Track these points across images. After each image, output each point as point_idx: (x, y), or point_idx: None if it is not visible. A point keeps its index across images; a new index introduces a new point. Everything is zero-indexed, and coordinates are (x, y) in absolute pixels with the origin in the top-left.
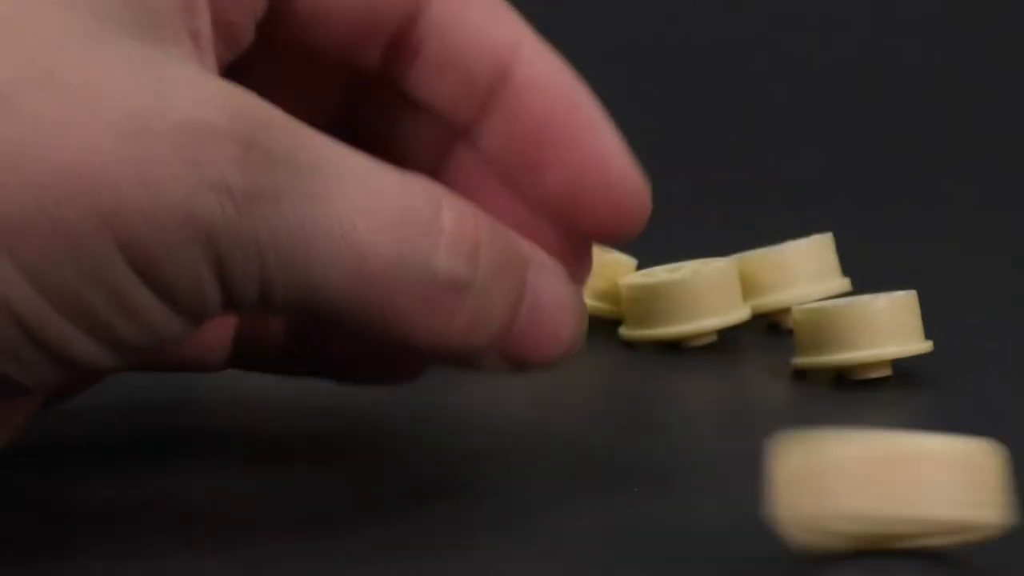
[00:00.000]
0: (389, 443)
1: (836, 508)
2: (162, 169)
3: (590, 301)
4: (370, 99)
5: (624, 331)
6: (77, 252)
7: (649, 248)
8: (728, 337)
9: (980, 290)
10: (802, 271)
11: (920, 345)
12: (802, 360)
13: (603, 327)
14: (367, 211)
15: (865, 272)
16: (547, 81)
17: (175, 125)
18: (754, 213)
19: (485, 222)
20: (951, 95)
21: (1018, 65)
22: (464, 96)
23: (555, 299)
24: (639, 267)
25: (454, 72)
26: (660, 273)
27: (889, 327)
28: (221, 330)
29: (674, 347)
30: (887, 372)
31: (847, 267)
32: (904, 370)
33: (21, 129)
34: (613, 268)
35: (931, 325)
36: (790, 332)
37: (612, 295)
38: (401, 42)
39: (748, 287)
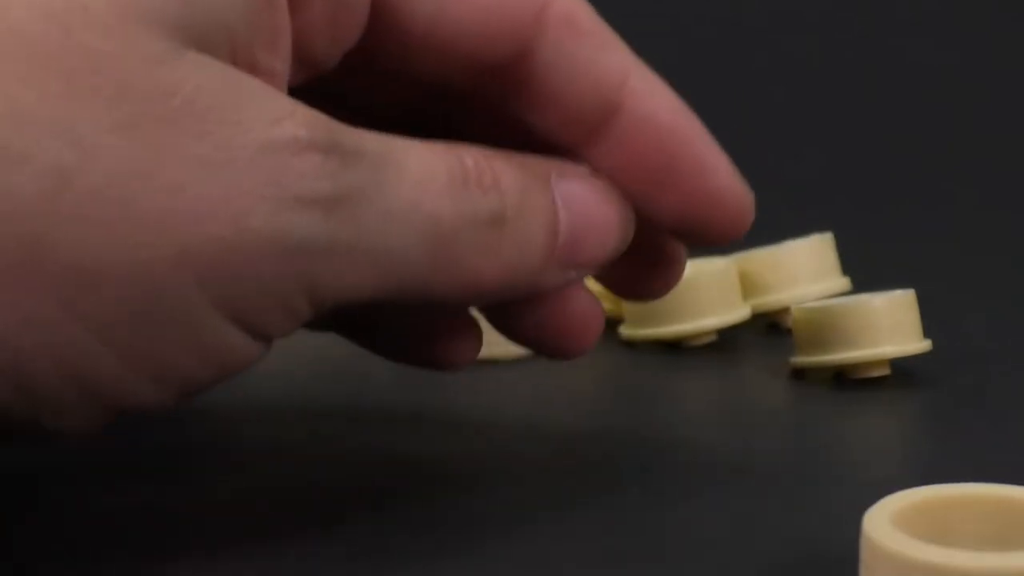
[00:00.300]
0: (390, 442)
1: None
2: (249, 195)
3: None
4: (462, 116)
5: (624, 330)
6: (155, 298)
7: None
8: (728, 336)
9: (979, 290)
10: (802, 271)
11: (919, 344)
12: (801, 359)
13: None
14: (425, 183)
15: (864, 271)
16: (656, 113)
17: (259, 148)
18: (754, 213)
19: (490, 153)
20: (951, 95)
21: (1018, 65)
22: (572, 126)
23: (591, 199)
24: None
25: (561, 104)
26: None
27: (888, 326)
28: None
29: (674, 346)
30: (886, 371)
31: (847, 267)
32: (903, 369)
33: (100, 180)
34: None
35: (930, 324)
36: (789, 331)
37: (612, 295)
38: (510, 74)
39: (748, 287)
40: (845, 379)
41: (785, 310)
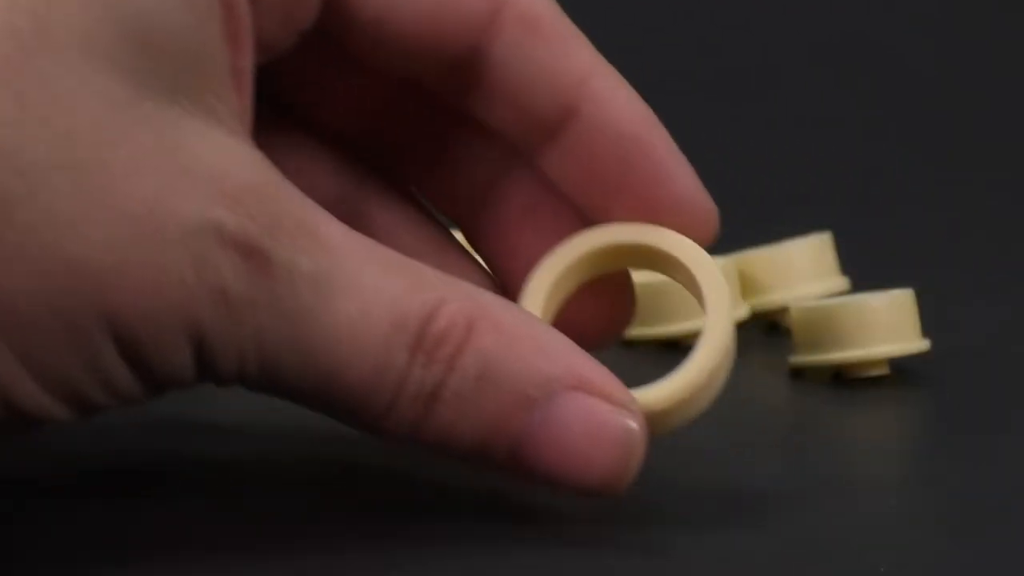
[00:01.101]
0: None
1: None
2: (169, 274)
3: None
4: (424, 110)
5: None
6: (74, 343)
7: None
8: None
9: (978, 289)
10: (800, 270)
11: (917, 344)
12: (800, 359)
13: None
14: (356, 325)
15: (863, 271)
16: (615, 118)
17: (188, 229)
18: (753, 212)
19: (496, 326)
20: (951, 95)
21: (1018, 65)
22: (526, 127)
23: (583, 424)
24: None
25: (515, 105)
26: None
27: (886, 326)
28: None
29: (674, 346)
30: (884, 370)
31: (845, 266)
32: (901, 368)
33: (38, 218)
34: None
35: (928, 324)
36: (788, 331)
37: None
38: (464, 68)
39: (747, 286)
40: (844, 378)
41: (784, 310)
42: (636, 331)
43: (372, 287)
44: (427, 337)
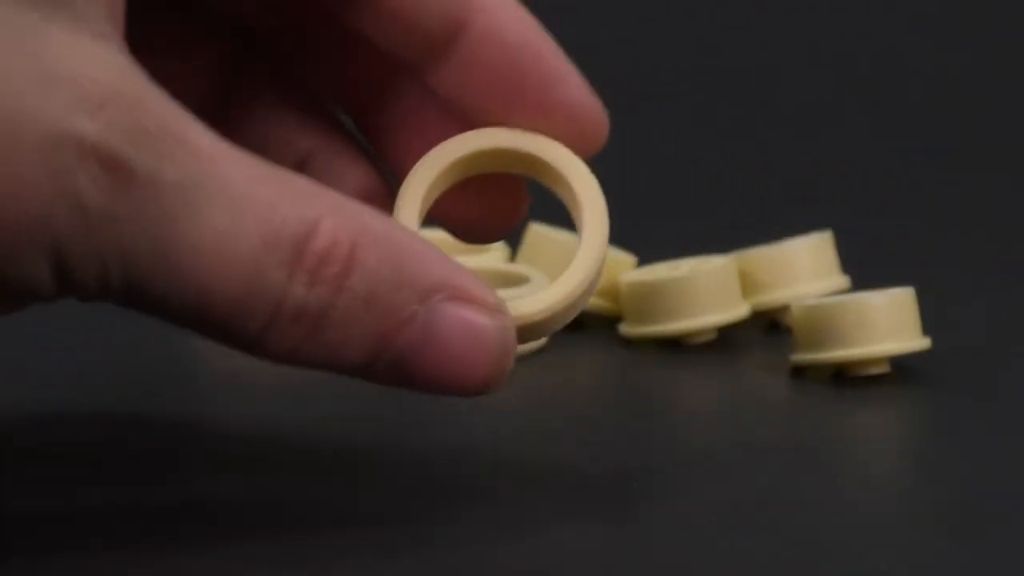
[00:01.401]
0: (384, 439)
1: None
2: (25, 184)
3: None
4: (307, 24)
5: (624, 328)
6: None
7: (649, 245)
8: (728, 334)
9: (979, 287)
10: (801, 269)
11: (918, 342)
12: (801, 357)
13: (603, 325)
14: (225, 235)
15: (864, 269)
16: (503, 29)
17: (47, 138)
18: (754, 211)
19: (377, 241)
20: (951, 94)
21: (1018, 65)
22: (414, 44)
23: (459, 330)
24: (639, 264)
25: (403, 22)
26: (660, 270)
27: (887, 324)
28: None
29: (674, 344)
30: (885, 369)
31: (846, 265)
32: (902, 367)
33: None
34: (613, 265)
35: (929, 322)
36: (789, 329)
37: (612, 292)
38: None
39: (747, 285)
40: (844, 377)
41: (785, 308)
42: (636, 331)
43: (242, 197)
44: (307, 255)
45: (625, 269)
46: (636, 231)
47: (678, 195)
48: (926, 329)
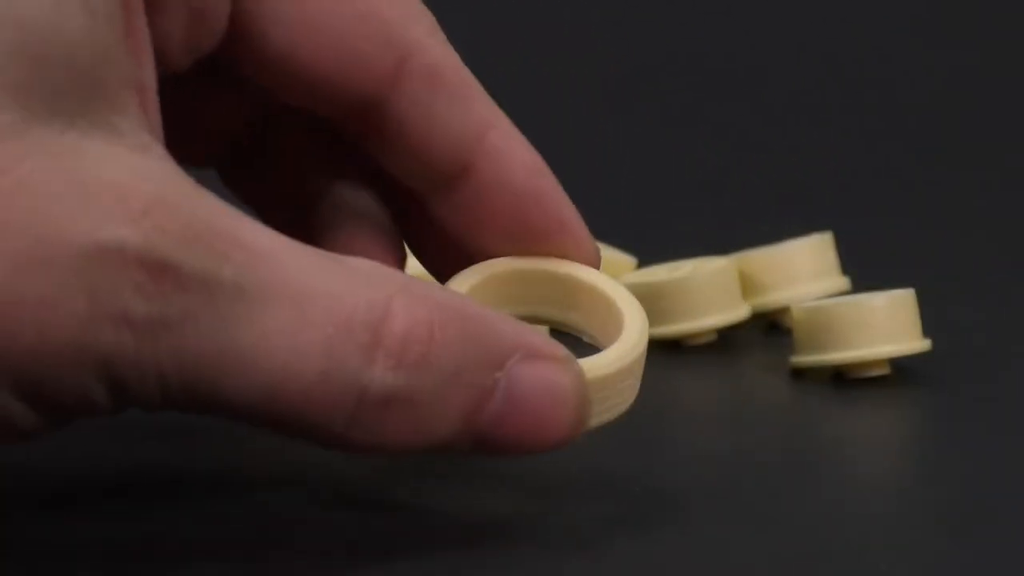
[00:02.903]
0: None
1: None
2: (57, 305)
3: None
4: (322, 145)
5: None
6: None
7: (649, 247)
8: (728, 336)
9: (979, 289)
10: (801, 270)
11: (918, 344)
12: (801, 359)
13: None
14: (295, 330)
15: (864, 271)
16: (510, 174)
17: (82, 252)
18: (754, 212)
19: (450, 317)
20: (952, 95)
21: (1019, 65)
22: (422, 178)
23: (540, 389)
24: (639, 266)
25: (413, 157)
26: (660, 272)
27: (887, 326)
28: None
29: (674, 345)
30: (885, 371)
31: (846, 266)
32: (902, 368)
33: None
34: (613, 267)
35: (929, 324)
36: (789, 331)
37: None
38: (365, 115)
39: (747, 286)
40: (844, 378)
41: (785, 309)
42: None
43: (307, 289)
44: (387, 338)
45: (625, 270)
46: (636, 232)
47: (678, 196)
48: (926, 330)
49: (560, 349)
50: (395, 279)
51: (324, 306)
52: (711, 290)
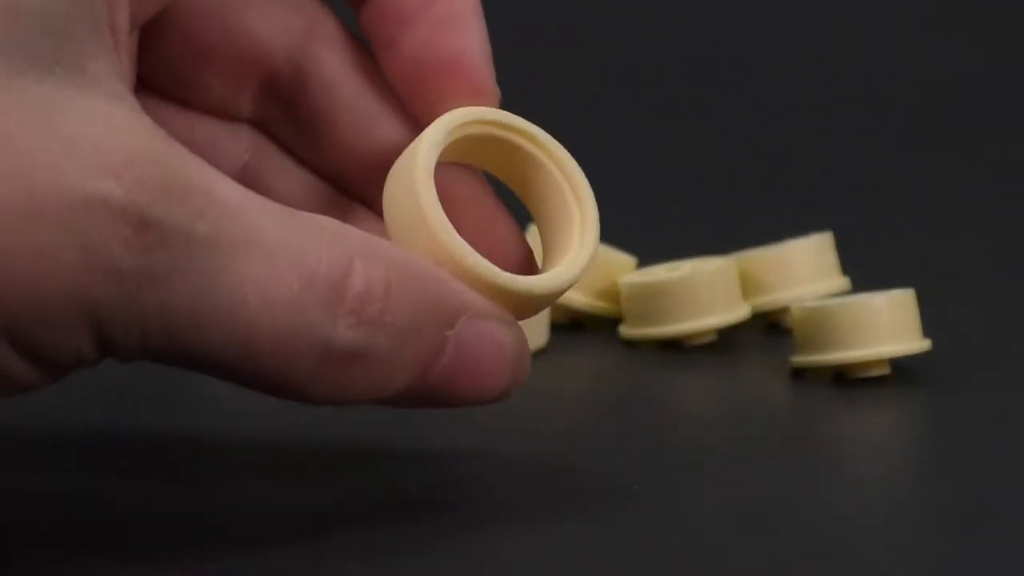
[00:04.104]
0: (385, 437)
1: None
2: (51, 256)
3: (590, 300)
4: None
5: (624, 330)
6: None
7: (649, 247)
8: (728, 336)
9: (979, 289)
10: (801, 270)
11: (918, 344)
12: (801, 359)
13: (603, 326)
14: (264, 283)
15: (864, 271)
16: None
17: (70, 207)
18: (754, 212)
19: (405, 277)
20: (952, 95)
21: (1019, 65)
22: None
23: (486, 346)
24: (639, 266)
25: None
26: (660, 272)
27: (888, 326)
28: None
29: (674, 346)
30: (885, 371)
31: (846, 266)
32: (903, 368)
33: None
34: (613, 267)
35: (929, 324)
36: (789, 331)
37: (612, 294)
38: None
39: (748, 286)
40: (844, 378)
41: (785, 310)
42: (636, 331)
43: (275, 245)
44: (348, 297)
45: (625, 270)
46: (636, 232)
47: (678, 196)
48: (926, 330)
49: (496, 307)
50: (355, 237)
51: (292, 261)
52: (711, 290)
